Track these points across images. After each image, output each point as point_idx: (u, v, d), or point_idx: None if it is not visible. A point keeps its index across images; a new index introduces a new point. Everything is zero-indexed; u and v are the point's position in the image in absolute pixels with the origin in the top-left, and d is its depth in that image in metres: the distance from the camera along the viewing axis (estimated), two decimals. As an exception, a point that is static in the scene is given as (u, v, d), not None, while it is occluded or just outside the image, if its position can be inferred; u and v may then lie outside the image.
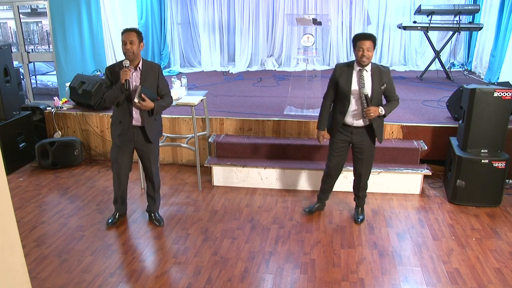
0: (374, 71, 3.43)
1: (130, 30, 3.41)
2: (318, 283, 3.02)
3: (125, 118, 3.49)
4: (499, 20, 6.87)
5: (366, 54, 3.31)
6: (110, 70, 3.48)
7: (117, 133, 3.55)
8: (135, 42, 3.36)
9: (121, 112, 3.51)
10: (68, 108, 5.59)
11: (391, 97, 3.55)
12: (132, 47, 3.34)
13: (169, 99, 3.63)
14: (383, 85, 3.43)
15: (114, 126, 3.59)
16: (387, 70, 3.48)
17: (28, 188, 4.68)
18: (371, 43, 3.32)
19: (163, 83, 3.56)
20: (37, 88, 9.67)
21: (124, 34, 3.38)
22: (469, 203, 4.13)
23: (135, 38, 3.37)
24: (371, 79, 3.42)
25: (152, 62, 3.62)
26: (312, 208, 4.01)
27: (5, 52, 5.11)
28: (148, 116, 3.49)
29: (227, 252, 3.42)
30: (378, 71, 3.43)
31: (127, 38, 3.35)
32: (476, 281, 3.03)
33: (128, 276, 3.14)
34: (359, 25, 8.45)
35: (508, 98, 3.89)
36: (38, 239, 3.64)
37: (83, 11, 6.35)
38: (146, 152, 3.63)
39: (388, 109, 3.49)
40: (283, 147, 4.70)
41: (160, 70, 3.56)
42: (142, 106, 3.39)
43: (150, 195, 3.86)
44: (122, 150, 3.61)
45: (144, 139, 3.57)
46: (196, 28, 8.82)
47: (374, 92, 3.42)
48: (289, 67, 8.58)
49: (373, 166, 4.40)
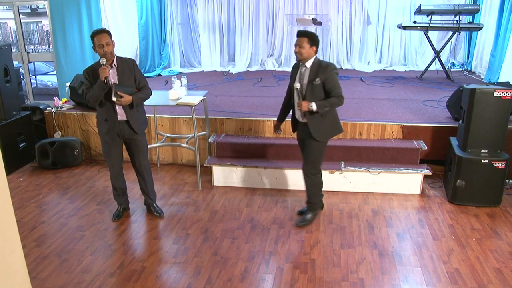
0: (313, 67, 3.46)
1: (102, 32, 3.49)
2: (318, 283, 3.02)
3: (110, 115, 3.63)
4: (499, 20, 6.87)
5: (298, 50, 3.42)
6: (88, 72, 3.59)
7: (104, 131, 3.70)
8: (110, 43, 3.49)
9: (105, 111, 3.63)
10: (68, 108, 5.59)
11: (331, 93, 3.46)
12: (108, 48, 3.47)
13: (148, 91, 3.73)
14: (316, 80, 3.43)
15: (100, 124, 3.73)
16: (327, 67, 3.44)
17: (28, 188, 4.68)
18: (302, 39, 3.40)
19: (139, 76, 3.70)
20: (37, 88, 9.68)
21: (98, 37, 3.45)
22: (469, 203, 4.13)
23: (109, 38, 3.49)
24: (308, 74, 3.47)
25: (126, 57, 3.74)
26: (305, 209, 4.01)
27: (5, 52, 5.11)
28: (130, 109, 3.62)
29: (227, 252, 3.42)
30: (317, 67, 3.45)
31: (103, 40, 3.45)
32: (476, 281, 3.03)
33: (128, 276, 3.14)
34: (359, 25, 8.45)
35: (508, 98, 3.89)
36: (38, 239, 3.64)
37: (83, 11, 6.35)
38: (134, 144, 3.79)
39: (321, 106, 3.41)
40: (283, 147, 4.70)
41: (135, 64, 3.70)
42: (122, 103, 3.52)
43: (143, 190, 4.02)
44: (113, 144, 3.75)
45: (130, 132, 3.71)
46: (196, 28, 8.82)
47: (307, 87, 3.48)
48: (289, 67, 8.50)
49: (373, 166, 4.43)
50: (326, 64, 3.47)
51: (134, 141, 3.77)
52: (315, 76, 3.43)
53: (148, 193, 4.00)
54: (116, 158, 3.82)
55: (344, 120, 4.89)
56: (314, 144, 3.61)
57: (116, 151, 3.79)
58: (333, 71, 3.44)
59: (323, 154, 3.70)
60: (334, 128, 3.64)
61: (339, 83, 3.45)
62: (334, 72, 3.44)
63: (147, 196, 4.03)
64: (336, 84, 3.44)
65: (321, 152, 3.66)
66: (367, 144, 4.63)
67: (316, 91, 3.46)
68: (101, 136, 3.76)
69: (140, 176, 3.94)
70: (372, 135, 4.85)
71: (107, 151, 3.79)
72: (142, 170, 3.89)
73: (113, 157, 3.80)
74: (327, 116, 3.52)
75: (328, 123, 3.57)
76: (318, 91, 3.45)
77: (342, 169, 4.42)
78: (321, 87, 3.44)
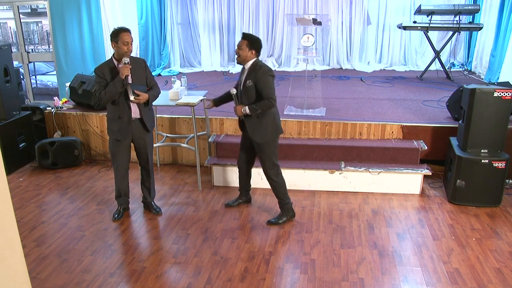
0: (250, 69, 3.51)
1: (128, 30, 3.57)
2: (318, 283, 3.02)
3: (124, 113, 3.65)
4: (499, 20, 6.87)
5: (237, 51, 3.51)
6: (101, 70, 3.61)
7: (116, 128, 3.70)
8: (132, 42, 3.58)
9: (119, 108, 3.65)
10: (68, 108, 5.59)
11: (262, 95, 3.48)
12: (131, 47, 3.56)
13: (158, 89, 3.83)
14: (248, 82, 3.48)
15: (112, 122, 3.73)
16: (260, 69, 3.46)
17: (28, 188, 4.68)
18: (243, 41, 3.47)
19: (150, 75, 3.79)
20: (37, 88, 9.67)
21: (124, 34, 3.52)
22: (469, 203, 4.13)
23: (131, 38, 3.58)
24: (245, 76, 3.53)
25: (137, 57, 3.82)
26: (233, 202, 4.17)
27: (5, 52, 5.11)
28: (145, 107, 3.71)
29: (227, 252, 3.42)
30: (252, 70, 3.49)
31: (129, 38, 3.54)
32: (476, 281, 3.03)
33: (128, 276, 3.14)
34: (359, 25, 8.45)
35: (508, 98, 3.89)
36: (38, 239, 3.64)
37: (83, 11, 6.35)
38: (144, 141, 3.83)
39: (253, 109, 3.48)
40: (283, 147, 4.70)
41: (146, 63, 3.78)
42: (140, 101, 3.60)
43: (145, 186, 4.04)
44: (123, 144, 3.76)
45: (142, 130, 3.77)
46: (196, 28, 8.82)
47: (242, 90, 3.55)
48: (289, 67, 8.58)
49: (373, 166, 4.43)
50: (261, 66, 3.49)
51: (144, 139, 3.81)
52: (249, 78, 3.49)
53: (150, 190, 4.04)
54: (124, 158, 3.82)
55: (344, 120, 4.91)
56: (257, 145, 3.67)
57: (125, 151, 3.80)
58: (266, 73, 3.44)
59: (274, 151, 3.69)
60: (273, 129, 3.62)
61: (271, 86, 3.46)
62: (267, 74, 3.44)
63: (148, 193, 4.05)
64: (266, 86, 3.45)
65: (269, 151, 3.66)
66: (367, 144, 4.63)
67: (249, 93, 3.51)
68: (111, 134, 3.76)
69: (146, 173, 3.97)
70: (372, 135, 4.85)
71: (115, 151, 3.78)
72: (149, 168, 3.94)
73: (120, 158, 3.80)
74: (263, 118, 3.55)
75: (265, 124, 3.58)
76: (251, 93, 3.51)
77: (342, 169, 4.42)
78: (253, 89, 3.48)
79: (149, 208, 4.09)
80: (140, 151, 3.88)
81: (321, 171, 4.46)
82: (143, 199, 4.13)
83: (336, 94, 6.29)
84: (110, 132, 3.76)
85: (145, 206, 4.13)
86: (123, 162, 3.83)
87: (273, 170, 3.72)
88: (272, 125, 3.61)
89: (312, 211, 4.07)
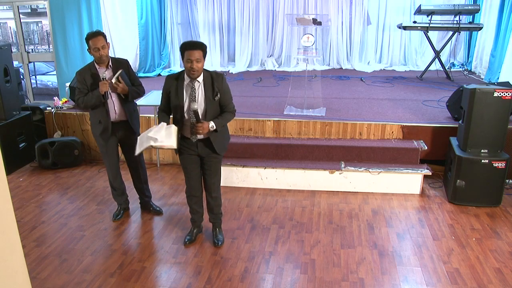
0: (206, 81, 3.10)
1: (97, 35, 3.47)
2: (318, 283, 3.02)
3: (103, 118, 3.63)
4: (499, 20, 6.87)
5: (195, 66, 2.98)
6: (82, 74, 3.58)
7: (98, 133, 3.71)
8: (105, 45, 3.49)
9: (98, 113, 3.64)
10: (68, 108, 5.59)
11: (225, 107, 3.19)
12: (104, 51, 3.48)
13: (142, 88, 3.79)
14: (216, 95, 3.10)
15: (94, 126, 3.75)
16: (220, 77, 3.14)
17: (28, 188, 4.68)
18: (200, 53, 3.00)
19: (133, 75, 3.77)
20: (37, 88, 9.67)
21: (93, 40, 3.44)
22: (469, 203, 4.13)
23: (104, 41, 3.49)
24: (203, 90, 3.10)
25: (120, 58, 3.76)
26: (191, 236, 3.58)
27: (5, 52, 5.11)
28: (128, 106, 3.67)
29: (227, 252, 3.42)
30: (210, 80, 3.11)
31: (98, 43, 3.45)
32: (476, 281, 3.03)
33: (128, 276, 3.14)
34: (359, 25, 8.45)
35: (508, 98, 3.89)
36: (38, 239, 3.64)
37: (83, 11, 6.34)
38: (132, 141, 3.64)
39: (220, 124, 3.15)
40: (283, 147, 4.70)
41: (129, 64, 3.74)
42: (118, 87, 3.52)
43: (138, 188, 4.03)
44: (109, 144, 3.75)
45: (127, 131, 3.74)
46: (196, 28, 8.82)
47: (208, 104, 3.11)
48: (289, 67, 8.58)
49: (373, 166, 4.43)
50: (216, 74, 3.15)
51: (132, 139, 3.72)
52: (214, 90, 3.10)
53: (144, 190, 4.02)
54: (113, 156, 3.83)
55: (344, 120, 4.91)
56: (218, 160, 3.35)
57: (112, 150, 3.80)
58: (225, 80, 3.17)
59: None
60: (228, 138, 3.43)
61: (231, 95, 3.23)
62: (226, 81, 3.18)
63: (143, 194, 4.04)
64: (231, 97, 3.22)
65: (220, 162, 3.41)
66: (367, 144, 4.63)
67: (214, 107, 3.15)
68: (96, 138, 3.79)
69: (135, 173, 3.94)
70: (372, 135, 4.85)
71: (104, 151, 3.80)
72: (138, 167, 3.92)
73: (110, 156, 3.81)
74: (223, 128, 3.30)
75: (223, 134, 3.33)
76: (216, 106, 3.17)
77: (342, 169, 4.42)
78: (218, 101, 3.16)
79: (148, 208, 4.08)
80: (128, 153, 3.84)
81: (321, 171, 4.46)
82: (140, 201, 4.12)
83: (336, 94, 6.29)
84: (94, 136, 3.80)
85: (143, 207, 4.12)
86: (113, 160, 3.83)
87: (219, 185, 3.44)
88: (227, 134, 3.41)
89: (312, 211, 4.07)
